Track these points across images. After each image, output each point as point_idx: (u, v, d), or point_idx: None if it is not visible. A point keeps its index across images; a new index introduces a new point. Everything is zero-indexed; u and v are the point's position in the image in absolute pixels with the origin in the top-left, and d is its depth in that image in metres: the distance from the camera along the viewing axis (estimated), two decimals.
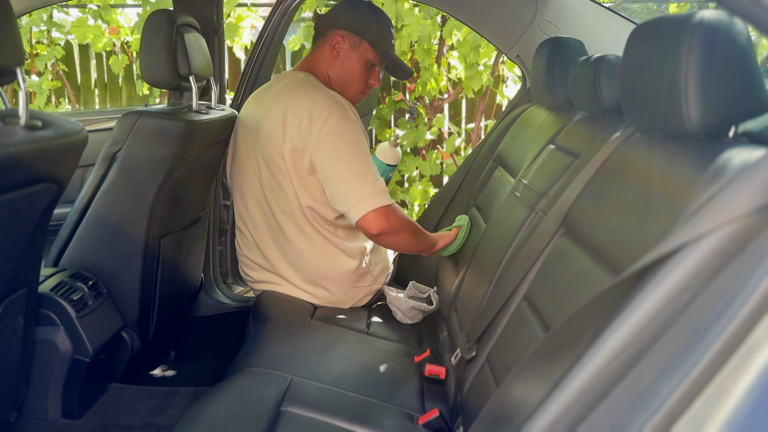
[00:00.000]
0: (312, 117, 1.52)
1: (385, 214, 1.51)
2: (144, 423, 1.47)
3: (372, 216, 1.49)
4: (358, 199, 1.49)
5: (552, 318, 0.98)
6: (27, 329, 1.15)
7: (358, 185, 1.50)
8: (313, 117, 1.52)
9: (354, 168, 1.51)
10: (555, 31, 1.90)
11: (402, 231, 1.55)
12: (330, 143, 1.51)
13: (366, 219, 1.50)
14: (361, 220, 1.50)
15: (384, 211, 1.50)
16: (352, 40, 1.66)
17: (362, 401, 1.22)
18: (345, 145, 1.52)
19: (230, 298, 2.10)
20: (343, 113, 1.54)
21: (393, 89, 3.52)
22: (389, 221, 1.51)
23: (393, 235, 1.54)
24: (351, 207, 1.50)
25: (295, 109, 1.53)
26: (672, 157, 0.81)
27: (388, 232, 1.52)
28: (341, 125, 1.52)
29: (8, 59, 0.83)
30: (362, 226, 1.52)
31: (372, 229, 1.51)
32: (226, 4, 3.27)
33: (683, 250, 0.55)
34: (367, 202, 1.49)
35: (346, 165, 1.51)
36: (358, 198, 1.49)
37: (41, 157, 0.89)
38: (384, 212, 1.50)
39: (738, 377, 0.47)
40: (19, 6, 1.84)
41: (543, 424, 0.57)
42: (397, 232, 1.54)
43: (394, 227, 1.52)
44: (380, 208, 1.50)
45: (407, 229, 1.57)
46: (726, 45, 0.74)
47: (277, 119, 1.55)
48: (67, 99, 4.01)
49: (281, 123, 1.54)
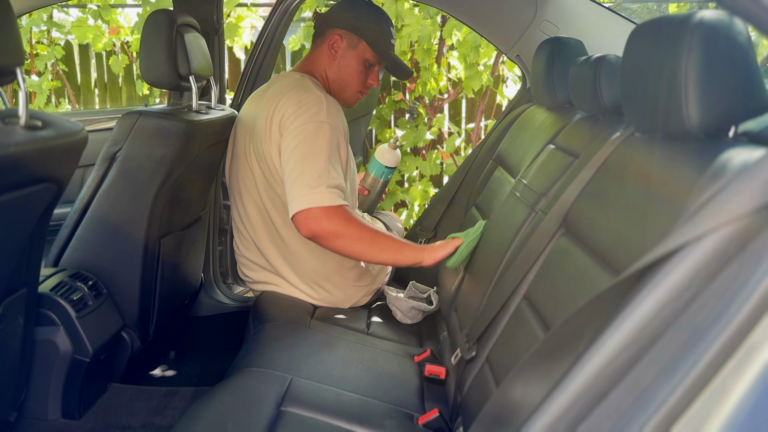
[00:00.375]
0: (289, 115, 1.51)
1: (317, 217, 1.38)
2: (144, 423, 1.47)
3: (302, 217, 1.39)
4: (293, 197, 1.41)
5: (552, 318, 0.98)
6: (27, 329, 1.15)
7: (298, 182, 1.41)
8: (290, 114, 1.50)
9: (302, 165, 1.43)
10: (555, 31, 1.90)
11: (340, 236, 1.41)
12: (293, 137, 1.47)
13: (295, 219, 1.41)
14: (294, 219, 1.41)
15: (317, 212, 1.38)
16: (350, 39, 1.65)
17: (362, 401, 1.22)
18: (304, 140, 1.46)
19: (230, 298, 2.10)
20: (317, 112, 1.49)
21: (393, 89, 3.52)
22: (320, 224, 1.39)
23: (328, 240, 1.41)
24: (289, 203, 1.42)
25: (281, 109, 1.53)
26: (672, 157, 0.81)
27: (320, 236, 1.40)
28: (308, 122, 1.48)
29: (8, 59, 0.83)
30: (296, 227, 1.43)
31: (301, 229, 1.41)
32: (226, 4, 3.27)
33: (683, 250, 0.55)
34: (300, 201, 1.39)
35: (296, 161, 1.44)
36: (294, 195, 1.41)
37: (41, 157, 0.89)
38: (317, 214, 1.38)
39: (738, 377, 0.47)
40: (19, 6, 1.84)
41: (543, 424, 0.57)
42: (334, 237, 1.41)
43: (326, 231, 1.39)
44: (313, 209, 1.38)
45: (347, 234, 1.41)
46: (726, 45, 0.74)
47: (267, 119, 1.55)
48: (67, 99, 4.01)
49: (269, 123, 1.54)
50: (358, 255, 1.49)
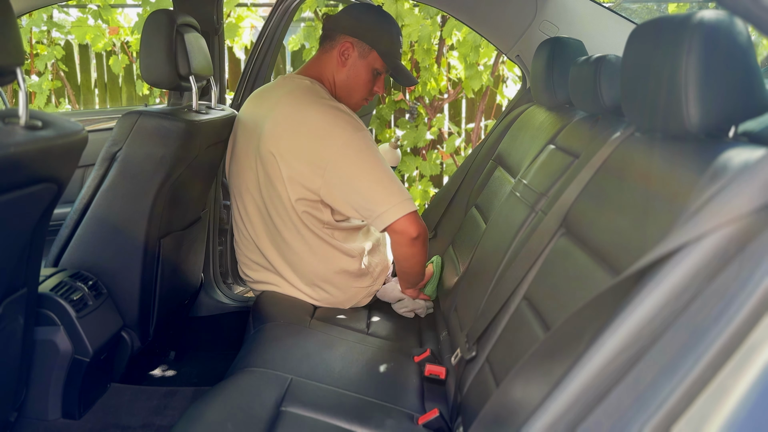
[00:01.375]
0: (322, 130, 1.52)
1: (419, 219, 1.54)
2: (144, 423, 1.47)
3: (411, 218, 1.51)
4: (395, 202, 1.50)
5: (552, 318, 0.98)
6: (27, 329, 1.15)
7: (392, 190, 1.52)
8: (323, 130, 1.52)
9: (380, 175, 1.53)
10: (555, 31, 1.90)
11: (426, 241, 1.57)
12: (350, 156, 1.52)
13: (404, 222, 1.51)
14: (398, 223, 1.51)
15: (417, 215, 1.54)
16: (361, 48, 1.65)
17: (362, 401, 1.22)
18: (365, 156, 1.53)
19: (230, 298, 2.10)
20: (354, 124, 1.55)
21: (393, 89, 3.52)
22: (423, 225, 1.54)
23: (424, 242, 1.56)
24: (385, 211, 1.50)
25: (301, 120, 1.53)
26: (672, 157, 0.81)
27: (423, 235, 1.55)
28: (355, 136, 1.53)
29: (8, 59, 0.83)
30: (401, 230, 1.52)
31: (412, 231, 1.52)
32: (226, 4, 3.27)
33: (683, 250, 0.55)
34: (404, 205, 1.51)
35: (373, 174, 1.53)
36: (395, 201, 1.50)
37: (41, 157, 0.89)
38: (418, 216, 1.54)
39: (738, 377, 0.47)
40: (19, 6, 1.84)
41: (543, 424, 0.57)
42: (427, 238, 1.56)
43: (426, 232, 1.56)
44: (415, 212, 1.53)
45: (427, 241, 1.59)
46: (726, 45, 0.74)
47: (279, 124, 1.54)
48: (67, 99, 4.01)
49: (284, 131, 1.53)
50: (420, 263, 1.64)
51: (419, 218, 1.54)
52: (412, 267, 1.64)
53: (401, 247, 1.57)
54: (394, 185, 1.52)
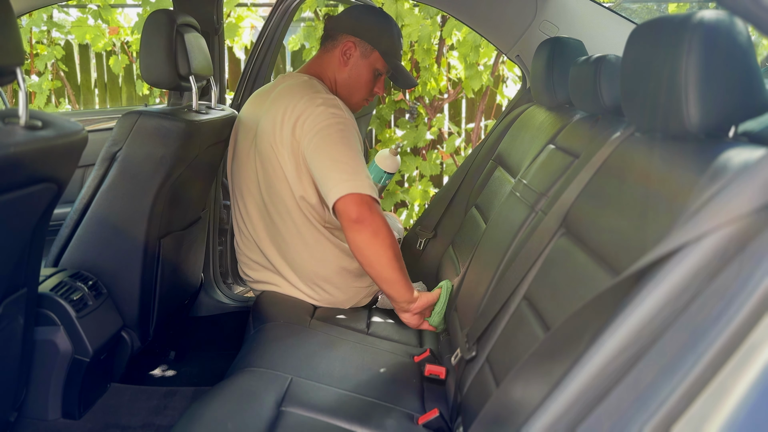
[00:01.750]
0: (305, 114, 1.51)
1: (369, 204, 1.41)
2: (144, 423, 1.47)
3: (354, 199, 1.39)
4: (340, 179, 1.41)
5: (552, 318, 0.98)
6: (27, 329, 1.15)
7: (343, 168, 1.43)
8: (306, 115, 1.51)
9: (342, 155, 1.46)
10: (555, 31, 1.90)
11: (382, 234, 1.43)
12: (320, 136, 1.49)
13: (346, 200, 1.40)
14: (341, 200, 1.40)
15: (368, 200, 1.41)
16: (363, 48, 1.66)
17: (362, 401, 1.22)
18: (335, 138, 1.48)
19: (230, 298, 2.10)
20: (336, 113, 1.53)
21: (393, 89, 3.52)
22: (372, 214, 1.41)
23: (371, 232, 1.41)
24: (332, 187, 1.42)
25: (292, 109, 1.53)
26: (672, 157, 0.81)
27: (369, 224, 1.40)
28: (331, 119, 1.50)
29: (8, 59, 0.83)
30: (340, 210, 1.41)
31: (351, 212, 1.39)
32: (226, 4, 3.27)
33: (683, 250, 0.55)
34: (350, 183, 1.41)
35: (334, 151, 1.46)
36: (341, 178, 1.41)
37: (41, 157, 0.89)
38: (368, 201, 1.41)
39: (738, 377, 0.47)
40: (19, 6, 1.84)
41: (543, 424, 0.57)
42: (377, 231, 1.42)
43: (375, 223, 1.41)
44: (364, 195, 1.41)
45: (388, 237, 1.45)
46: (726, 45, 0.74)
47: (275, 119, 1.55)
48: (67, 99, 4.01)
49: (279, 123, 1.54)
50: (381, 261, 1.45)
51: (368, 203, 1.40)
52: (371, 263, 1.46)
53: (347, 232, 1.43)
54: (350, 167, 1.43)
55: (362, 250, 1.45)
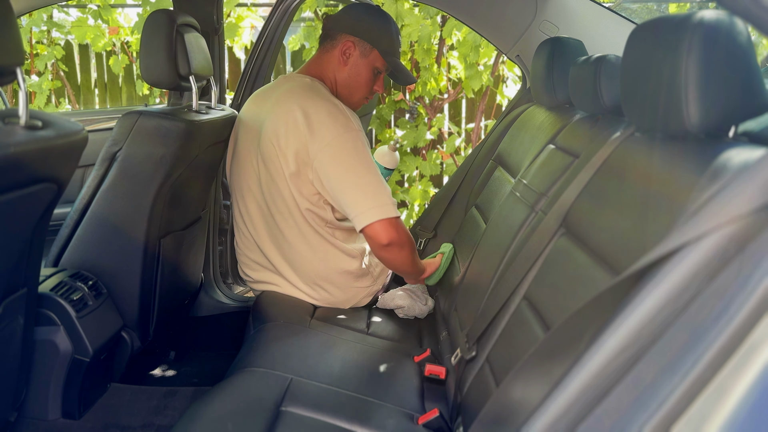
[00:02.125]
0: (314, 125, 1.51)
1: (395, 226, 1.51)
2: (144, 423, 1.47)
3: (383, 225, 1.49)
4: (370, 206, 1.49)
5: (552, 318, 0.98)
6: (27, 329, 1.15)
7: (370, 194, 1.50)
8: (315, 125, 1.51)
9: (363, 177, 1.51)
10: (555, 31, 1.90)
11: (407, 246, 1.55)
12: (335, 153, 1.51)
13: (376, 227, 1.49)
14: (371, 228, 1.49)
15: (395, 222, 1.51)
16: (362, 47, 1.66)
17: (362, 401, 1.22)
18: (351, 156, 1.52)
19: (230, 298, 2.10)
20: (346, 123, 1.54)
21: (393, 89, 3.52)
22: (399, 233, 1.51)
23: (400, 248, 1.53)
24: (360, 213, 1.49)
25: (298, 114, 1.53)
26: (672, 157, 0.81)
27: (397, 243, 1.51)
28: (344, 135, 1.52)
29: (8, 59, 0.83)
30: (371, 235, 1.50)
31: (382, 238, 1.50)
32: (226, 4, 3.27)
33: (683, 250, 0.55)
34: (379, 210, 1.49)
35: (355, 174, 1.51)
36: (370, 205, 1.49)
37: (41, 157, 0.89)
38: (394, 223, 1.51)
39: (738, 377, 0.47)
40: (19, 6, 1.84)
41: (543, 424, 0.57)
42: (403, 246, 1.54)
43: (402, 240, 1.53)
44: (391, 219, 1.50)
45: (411, 245, 1.58)
46: (726, 45, 0.74)
47: (279, 122, 1.55)
48: (67, 99, 4.01)
49: (283, 126, 1.54)
50: (406, 264, 1.61)
51: (394, 225, 1.51)
52: (396, 268, 1.65)
53: (376, 251, 1.56)
54: (370, 189, 1.51)
55: (390, 262, 1.60)
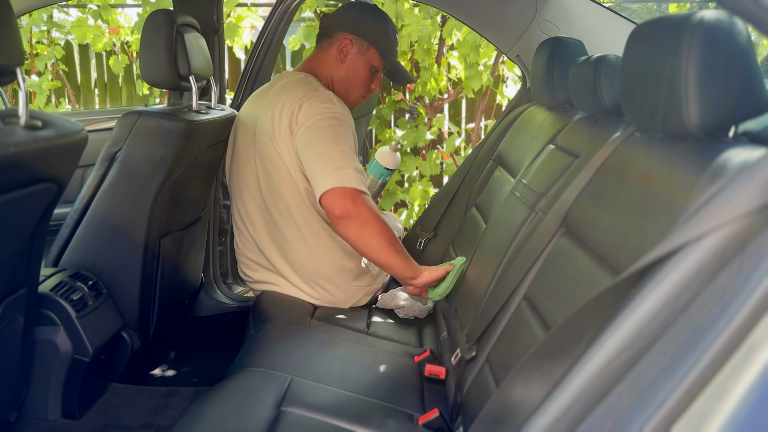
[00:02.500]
0: (299, 109, 1.52)
1: (353, 197, 1.41)
2: (144, 423, 1.47)
3: (337, 193, 1.40)
4: (325, 173, 1.43)
5: (552, 318, 0.98)
6: (27, 329, 1.15)
7: (330, 162, 1.44)
8: (300, 109, 1.52)
9: (331, 150, 1.46)
10: (555, 31, 1.90)
11: (369, 226, 1.44)
12: (311, 130, 1.50)
13: (330, 195, 1.41)
14: (326, 195, 1.41)
15: (352, 193, 1.42)
16: (360, 45, 1.66)
17: (362, 401, 1.22)
18: (327, 132, 1.49)
19: (230, 298, 2.10)
20: (330, 106, 1.53)
21: (393, 89, 3.52)
22: (357, 207, 1.41)
23: (358, 225, 1.42)
24: (319, 180, 1.43)
25: (289, 106, 1.54)
26: (672, 157, 0.81)
27: (354, 218, 1.41)
28: (324, 113, 1.51)
29: (8, 59, 0.83)
30: (325, 204, 1.43)
31: (335, 208, 1.41)
32: (226, 4, 3.27)
33: (683, 250, 0.55)
34: (334, 177, 1.42)
35: (323, 146, 1.47)
36: (326, 172, 1.43)
37: (41, 157, 0.89)
38: (352, 194, 1.41)
39: (738, 377, 0.47)
40: (19, 6, 1.84)
41: (543, 424, 0.57)
42: (364, 224, 1.43)
43: (361, 216, 1.42)
44: (348, 189, 1.41)
45: (377, 225, 1.45)
46: (726, 45, 0.74)
47: (272, 117, 1.56)
48: (67, 99, 4.01)
49: (277, 120, 1.55)
50: (374, 250, 1.48)
51: (352, 197, 1.41)
52: (363, 253, 1.51)
53: (336, 228, 1.47)
54: (337, 160, 1.44)
55: (353, 242, 1.48)
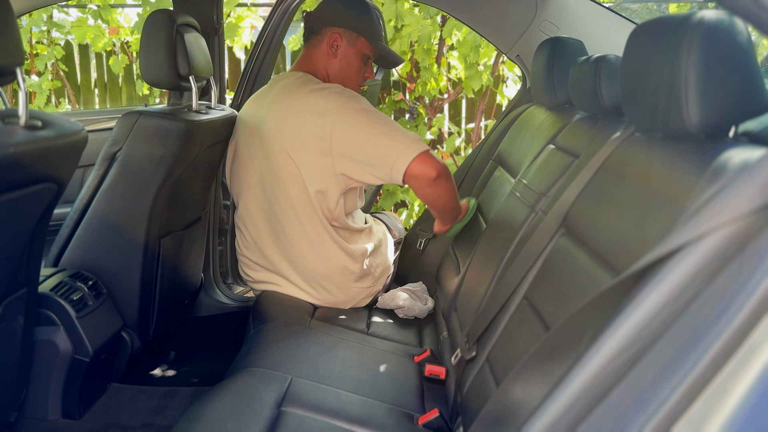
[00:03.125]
0: (318, 110, 1.52)
1: (431, 155, 1.50)
2: (144, 423, 1.47)
3: (421, 159, 1.47)
4: (398, 150, 1.48)
5: (552, 318, 0.98)
6: (27, 329, 1.15)
7: (393, 138, 1.49)
8: (319, 110, 1.52)
9: (381, 128, 1.51)
10: (555, 31, 1.90)
11: (449, 177, 1.55)
12: (347, 120, 1.51)
13: (419, 164, 1.47)
14: (413, 167, 1.47)
15: (428, 152, 1.50)
16: (349, 36, 1.66)
17: (362, 401, 1.22)
18: (362, 116, 1.52)
19: (230, 298, 2.10)
20: (346, 93, 1.56)
21: (393, 89, 3.52)
22: (441, 163, 1.50)
23: (447, 178, 1.53)
24: (396, 158, 1.48)
25: (298, 107, 1.54)
26: (672, 157, 0.81)
27: (444, 173, 1.51)
28: (347, 104, 1.53)
29: (8, 59, 0.83)
30: (417, 174, 1.48)
31: (431, 171, 1.48)
32: (226, 4, 3.27)
33: (683, 250, 0.55)
34: (409, 148, 1.48)
35: (371, 129, 1.51)
36: (397, 149, 1.48)
37: (41, 157, 0.89)
38: (429, 153, 1.50)
39: (738, 377, 0.47)
40: (19, 6, 1.84)
41: (543, 424, 0.57)
42: (449, 175, 1.54)
43: (446, 169, 1.52)
44: (428, 152, 1.50)
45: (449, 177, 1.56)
46: (726, 45, 0.74)
47: (279, 118, 1.55)
48: (67, 99, 4.01)
49: (285, 120, 1.54)
50: (456, 197, 1.64)
51: (433, 156, 1.50)
52: (444, 205, 1.63)
53: (425, 190, 1.53)
54: (396, 133, 1.50)
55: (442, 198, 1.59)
